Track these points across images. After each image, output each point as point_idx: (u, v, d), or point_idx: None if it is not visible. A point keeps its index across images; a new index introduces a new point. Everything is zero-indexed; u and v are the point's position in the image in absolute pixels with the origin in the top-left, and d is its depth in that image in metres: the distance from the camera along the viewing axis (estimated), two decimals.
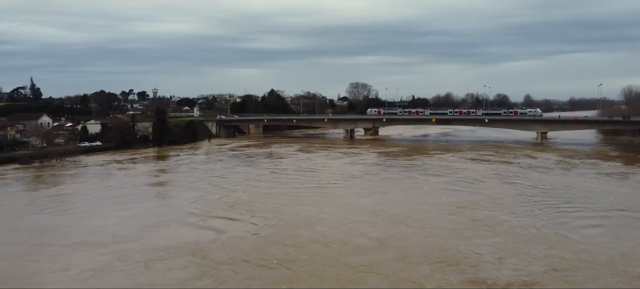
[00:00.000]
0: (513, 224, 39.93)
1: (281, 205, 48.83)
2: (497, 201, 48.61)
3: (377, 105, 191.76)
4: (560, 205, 45.96)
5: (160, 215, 45.23)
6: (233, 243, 36.60)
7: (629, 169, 65.94)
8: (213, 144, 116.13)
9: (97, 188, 59.41)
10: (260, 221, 42.90)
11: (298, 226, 41.30)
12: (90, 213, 46.77)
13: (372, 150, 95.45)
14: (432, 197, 51.09)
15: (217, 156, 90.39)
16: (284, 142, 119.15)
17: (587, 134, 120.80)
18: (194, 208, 47.60)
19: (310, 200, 51.09)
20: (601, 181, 58.12)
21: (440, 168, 71.31)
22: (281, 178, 64.77)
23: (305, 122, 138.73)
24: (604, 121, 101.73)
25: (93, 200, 53.05)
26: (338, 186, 58.88)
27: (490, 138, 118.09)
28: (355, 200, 50.80)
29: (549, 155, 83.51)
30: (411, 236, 37.44)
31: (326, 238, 37.77)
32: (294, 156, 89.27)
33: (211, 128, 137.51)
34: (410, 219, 42.45)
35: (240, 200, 51.13)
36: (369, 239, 37.22)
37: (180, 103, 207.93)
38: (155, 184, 63.56)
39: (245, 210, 47.06)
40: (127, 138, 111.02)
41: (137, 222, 43.00)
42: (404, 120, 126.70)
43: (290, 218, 43.81)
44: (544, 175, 63.65)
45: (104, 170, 74.59)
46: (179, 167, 77.56)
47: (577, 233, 37.24)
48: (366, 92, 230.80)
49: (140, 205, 50.64)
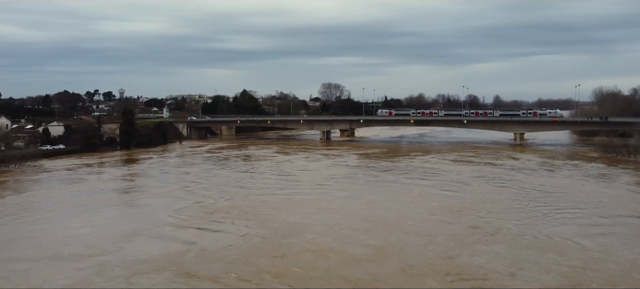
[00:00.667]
0: (513, 230, 38.02)
1: (265, 210, 45.92)
2: (490, 204, 46.82)
3: (351, 106, 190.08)
4: (555, 209, 44.46)
5: (137, 224, 41.63)
6: (219, 254, 33.48)
7: (613, 170, 65.51)
8: (185, 146, 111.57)
9: (65, 195, 55.07)
10: (245, 229, 39.90)
11: (286, 234, 38.45)
12: (60, 222, 43.02)
13: (352, 152, 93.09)
14: (423, 201, 48.94)
15: (191, 160, 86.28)
16: (259, 143, 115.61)
17: (561, 135, 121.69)
18: (173, 216, 44.11)
19: (295, 205, 48.33)
20: (590, 183, 57.19)
21: (424, 170, 69.48)
22: (261, 182, 61.62)
23: (280, 123, 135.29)
24: (583, 122, 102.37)
25: (62, 207, 48.98)
26: (322, 190, 56.19)
27: (467, 139, 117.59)
28: (343, 205, 48.28)
29: (529, 156, 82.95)
30: (409, 244, 35.03)
31: (318, 247, 35.08)
32: (273, 158, 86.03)
33: (182, 130, 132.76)
34: (404, 225, 40.11)
35: (221, 207, 47.88)
36: (365, 247, 34.66)
37: (149, 104, 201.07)
38: (128, 190, 59.43)
39: (227, 217, 43.93)
40: (92, 140, 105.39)
41: (112, 231, 39.31)
42: (382, 121, 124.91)
43: (276, 225, 40.98)
44: (530, 176, 62.51)
45: (70, 176, 69.77)
46: (151, 171, 73.30)
47: (581, 239, 35.54)
48: (339, 92, 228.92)
49: (114, 212, 46.75)
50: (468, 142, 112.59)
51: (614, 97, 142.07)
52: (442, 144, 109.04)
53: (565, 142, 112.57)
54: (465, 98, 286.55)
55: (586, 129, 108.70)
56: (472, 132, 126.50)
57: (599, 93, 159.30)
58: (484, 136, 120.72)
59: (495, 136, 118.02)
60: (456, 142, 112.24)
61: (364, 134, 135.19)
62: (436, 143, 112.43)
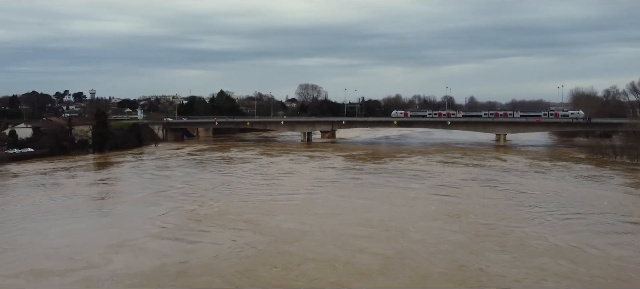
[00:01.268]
0: (520, 235, 36.70)
1: (256, 216, 43.72)
2: (489, 208, 45.59)
3: (330, 107, 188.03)
4: (556, 213, 43.45)
5: (123, 233, 38.70)
6: (217, 266, 31.22)
7: (603, 172, 65.33)
8: (161, 149, 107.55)
9: (39, 202, 51.55)
10: (239, 237, 37.63)
11: (284, 241, 36.37)
12: (37, 232, 39.82)
13: (337, 154, 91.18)
14: (420, 205, 47.37)
15: (171, 163, 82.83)
16: (240, 145, 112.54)
17: (540, 136, 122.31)
18: (160, 224, 41.35)
19: (287, 210, 46.22)
20: (585, 185, 56.59)
21: (414, 172, 68.11)
22: (248, 186, 59.17)
23: (260, 124, 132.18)
24: (566, 123, 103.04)
25: (37, 215, 45.59)
26: (313, 193, 54.15)
27: (449, 140, 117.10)
28: (338, 209, 46.37)
29: (516, 157, 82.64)
30: (417, 253, 33.26)
31: (321, 256, 33.06)
32: (256, 161, 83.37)
33: (157, 132, 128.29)
34: (408, 231, 38.40)
35: (210, 213, 45.35)
36: (372, 256, 32.82)
37: (121, 105, 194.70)
38: (107, 196, 56.06)
39: (217, 224, 41.49)
40: (63, 143, 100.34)
41: (96, 242, 36.46)
42: (364, 122, 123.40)
43: (270, 232, 38.87)
44: (523, 178, 61.80)
45: (43, 181, 65.82)
46: (130, 176, 69.75)
47: (593, 245, 34.37)
48: (316, 93, 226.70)
49: (95, 220, 43.68)
50: (450, 143, 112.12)
51: (589, 98, 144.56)
52: (426, 145, 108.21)
53: (546, 142, 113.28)
54: (442, 99, 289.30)
55: (569, 130, 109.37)
56: (452, 133, 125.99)
57: (577, 95, 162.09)
58: (465, 137, 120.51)
59: (476, 137, 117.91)
60: (439, 143, 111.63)
61: (344, 135, 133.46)
62: (419, 144, 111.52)
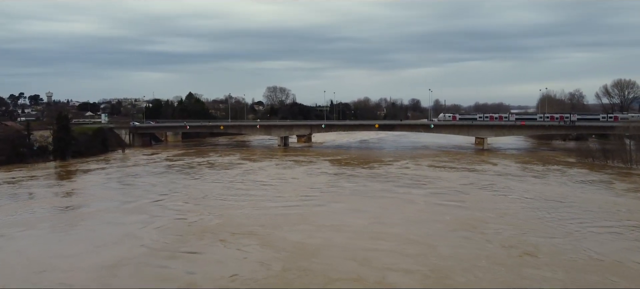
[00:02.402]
0: (554, 248, 34.06)
1: (259, 228, 39.96)
2: (506, 217, 43.05)
3: (301, 110, 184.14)
4: (578, 221, 41.25)
5: (116, 251, 34.08)
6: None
7: (601, 176, 63.86)
8: (131, 155, 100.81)
9: (9, 216, 45.43)
10: (248, 253, 34.00)
11: (297, 257, 32.97)
12: (16, 251, 34.66)
13: (321, 159, 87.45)
14: (432, 215, 44.25)
15: (148, 169, 77.08)
16: (217, 150, 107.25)
17: (515, 139, 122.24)
18: (157, 239, 36.83)
19: (291, 221, 42.48)
20: (591, 191, 54.64)
21: (409, 177, 65.32)
22: (241, 193, 55.14)
23: (234, 128, 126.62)
24: (550, 126, 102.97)
25: (10, 231, 39.77)
26: (313, 202, 50.47)
27: (430, 144, 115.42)
28: (345, 220, 42.86)
29: (505, 161, 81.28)
30: (455, 270, 30.09)
31: (347, 275, 29.73)
32: (240, 166, 78.74)
33: (124, 137, 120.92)
34: (432, 245, 35.06)
35: (209, 225, 41.15)
36: (406, 275, 29.60)
37: (82, 108, 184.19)
38: (85, 207, 50.07)
39: (220, 238, 37.42)
40: (20, 150, 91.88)
41: (87, 263, 31.71)
42: (344, 125, 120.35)
43: (281, 246, 35.19)
44: (523, 183, 59.98)
45: (7, 191, 59.01)
46: (104, 185, 63.84)
47: (634, 259, 31.95)
48: (284, 96, 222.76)
49: (81, 237, 38.50)
50: (431, 146, 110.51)
51: (554, 101, 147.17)
52: (407, 149, 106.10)
53: (525, 146, 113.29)
54: (409, 102, 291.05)
55: (545, 133, 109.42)
56: (430, 136, 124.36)
57: (542, 98, 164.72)
58: (444, 141, 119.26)
59: (452, 141, 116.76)
60: (421, 146, 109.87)
61: (320, 139, 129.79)
62: (401, 148, 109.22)
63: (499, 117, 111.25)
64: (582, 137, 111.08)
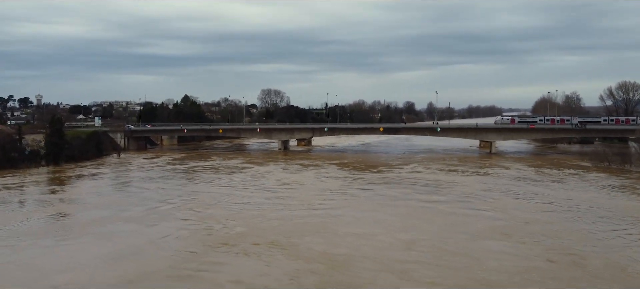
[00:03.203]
0: (607, 260, 31.74)
1: (281, 237, 37.64)
2: (541, 225, 40.89)
3: (297, 113, 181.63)
4: (620, 230, 39.13)
5: (140, 263, 31.62)
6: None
7: (624, 182, 61.30)
8: (128, 159, 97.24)
9: (15, 224, 42.23)
10: (276, 265, 31.47)
11: (329, 270, 30.58)
12: (28, 263, 31.53)
13: (328, 162, 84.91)
14: (464, 224, 41.58)
15: (151, 174, 74.04)
16: (218, 154, 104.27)
17: (518, 143, 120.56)
18: (180, 249, 34.52)
19: (313, 229, 40.35)
20: (621, 197, 52.29)
21: (424, 183, 63.07)
22: (253, 199, 52.80)
23: (234, 131, 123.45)
24: (560, 129, 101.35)
25: (20, 242, 36.60)
26: (330, 208, 48.18)
27: (434, 147, 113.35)
28: (369, 228, 40.75)
29: (517, 165, 79.41)
30: (507, 286, 27.51)
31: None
32: (246, 170, 75.96)
33: (118, 140, 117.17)
34: (474, 257, 32.64)
35: (230, 234, 38.86)
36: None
37: (73, 111, 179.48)
38: (95, 215, 46.52)
39: (243, 250, 34.92)
40: (11, 155, 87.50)
41: (109, 277, 28.83)
42: (347, 129, 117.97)
43: (309, 257, 33.00)
44: (543, 188, 58.05)
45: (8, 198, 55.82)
46: (112, 190, 61.19)
47: None
48: (279, 99, 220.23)
49: (93, 247, 35.01)
50: (436, 149, 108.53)
51: (551, 104, 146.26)
52: (413, 152, 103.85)
53: (529, 149, 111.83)
54: (404, 104, 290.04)
55: (553, 136, 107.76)
56: (430, 139, 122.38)
57: (539, 101, 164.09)
58: (446, 144, 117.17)
59: (455, 144, 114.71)
60: (425, 150, 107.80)
61: (320, 143, 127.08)
62: (406, 151, 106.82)
63: (561, 121, 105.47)
64: (587, 140, 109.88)
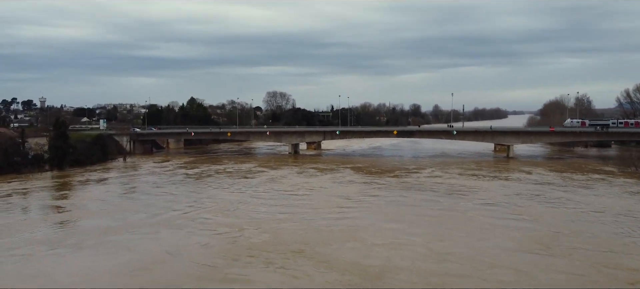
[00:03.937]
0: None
1: (306, 246, 35.62)
2: (580, 235, 38.43)
3: (304, 115, 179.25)
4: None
5: (162, 272, 29.67)
6: None
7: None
8: (135, 163, 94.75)
9: (29, 232, 39.76)
10: (306, 276, 29.35)
11: (362, 282, 28.31)
12: (43, 273, 29.25)
13: (342, 166, 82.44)
14: (500, 233, 39.01)
15: (163, 178, 71.81)
16: (228, 158, 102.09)
17: (533, 147, 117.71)
18: (205, 258, 32.70)
19: (338, 237, 38.26)
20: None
21: (445, 187, 60.68)
22: (274, 205, 50.66)
23: (242, 135, 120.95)
24: (582, 132, 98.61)
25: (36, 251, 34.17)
26: (353, 215, 45.98)
27: (448, 150, 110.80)
28: (399, 236, 38.54)
29: (538, 169, 76.83)
30: None
31: None
32: (260, 175, 73.89)
33: (124, 144, 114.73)
34: (522, 271, 30.07)
35: (255, 242, 36.77)
36: None
37: (77, 114, 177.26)
38: (112, 222, 43.94)
39: (270, 259, 32.76)
40: (14, 159, 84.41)
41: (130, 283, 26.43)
42: (360, 132, 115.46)
43: (339, 267, 30.95)
44: (572, 194, 55.57)
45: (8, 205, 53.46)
46: (125, 195, 59.07)
47: None
48: (284, 101, 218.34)
49: (115, 256, 32.70)
50: (450, 153, 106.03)
51: (560, 107, 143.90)
52: (428, 156, 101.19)
53: (544, 152, 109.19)
54: (410, 107, 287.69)
55: (576, 139, 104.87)
56: (442, 143, 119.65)
57: (548, 104, 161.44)
58: (459, 147, 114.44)
59: (468, 148, 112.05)
60: (439, 153, 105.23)
61: (330, 146, 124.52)
62: (420, 155, 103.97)
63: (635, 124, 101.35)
64: (603, 143, 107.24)
